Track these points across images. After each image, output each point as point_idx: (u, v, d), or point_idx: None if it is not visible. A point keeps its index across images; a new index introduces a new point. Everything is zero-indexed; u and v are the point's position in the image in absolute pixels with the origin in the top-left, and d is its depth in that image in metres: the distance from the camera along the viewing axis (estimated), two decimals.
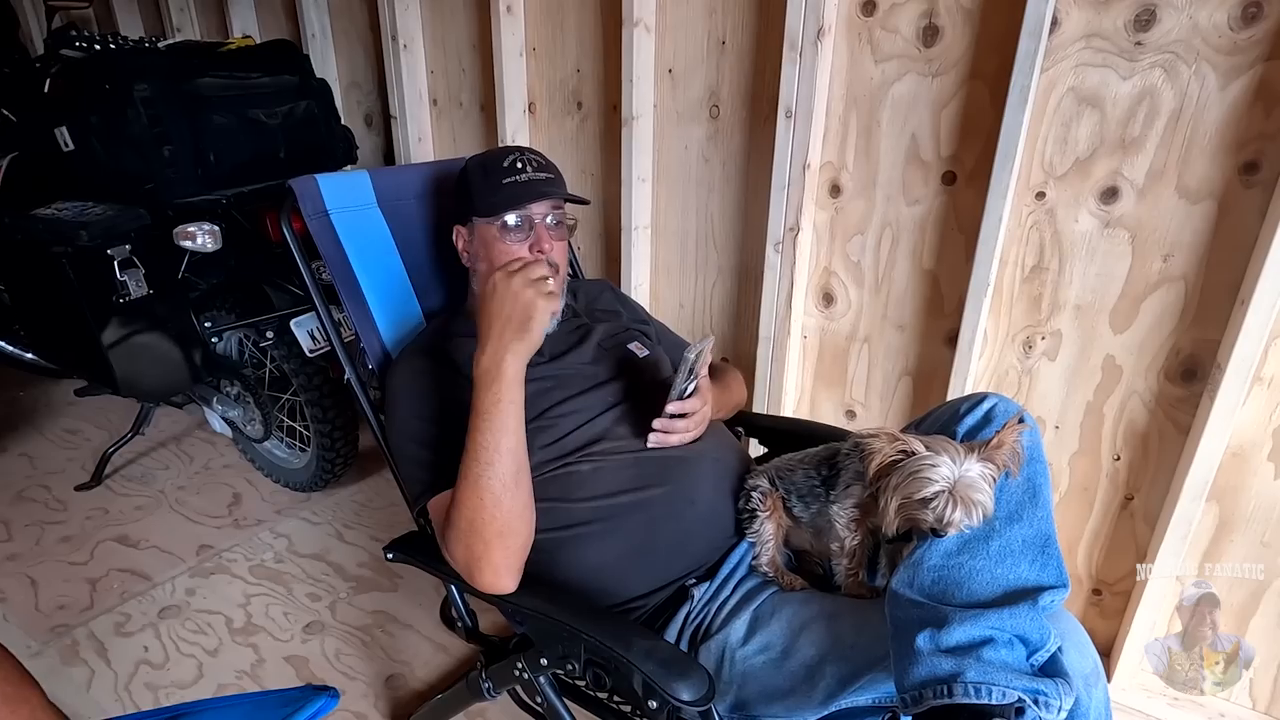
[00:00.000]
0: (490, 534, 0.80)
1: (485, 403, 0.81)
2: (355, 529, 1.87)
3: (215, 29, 2.38)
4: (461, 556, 0.83)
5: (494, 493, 0.80)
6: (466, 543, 0.82)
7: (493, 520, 0.80)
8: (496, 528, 0.80)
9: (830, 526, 0.91)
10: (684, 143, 1.59)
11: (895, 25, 1.28)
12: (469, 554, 0.82)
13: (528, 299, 0.82)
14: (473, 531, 0.81)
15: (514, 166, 1.02)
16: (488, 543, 0.80)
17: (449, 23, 1.85)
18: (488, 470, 0.80)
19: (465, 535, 0.81)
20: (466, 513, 0.81)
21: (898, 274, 1.42)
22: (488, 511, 0.80)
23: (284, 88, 1.60)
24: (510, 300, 0.83)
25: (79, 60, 1.48)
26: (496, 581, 0.83)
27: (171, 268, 1.50)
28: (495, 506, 0.80)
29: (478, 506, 0.80)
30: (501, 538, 0.81)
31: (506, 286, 0.84)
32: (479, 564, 0.81)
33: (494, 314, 0.83)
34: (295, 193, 1.05)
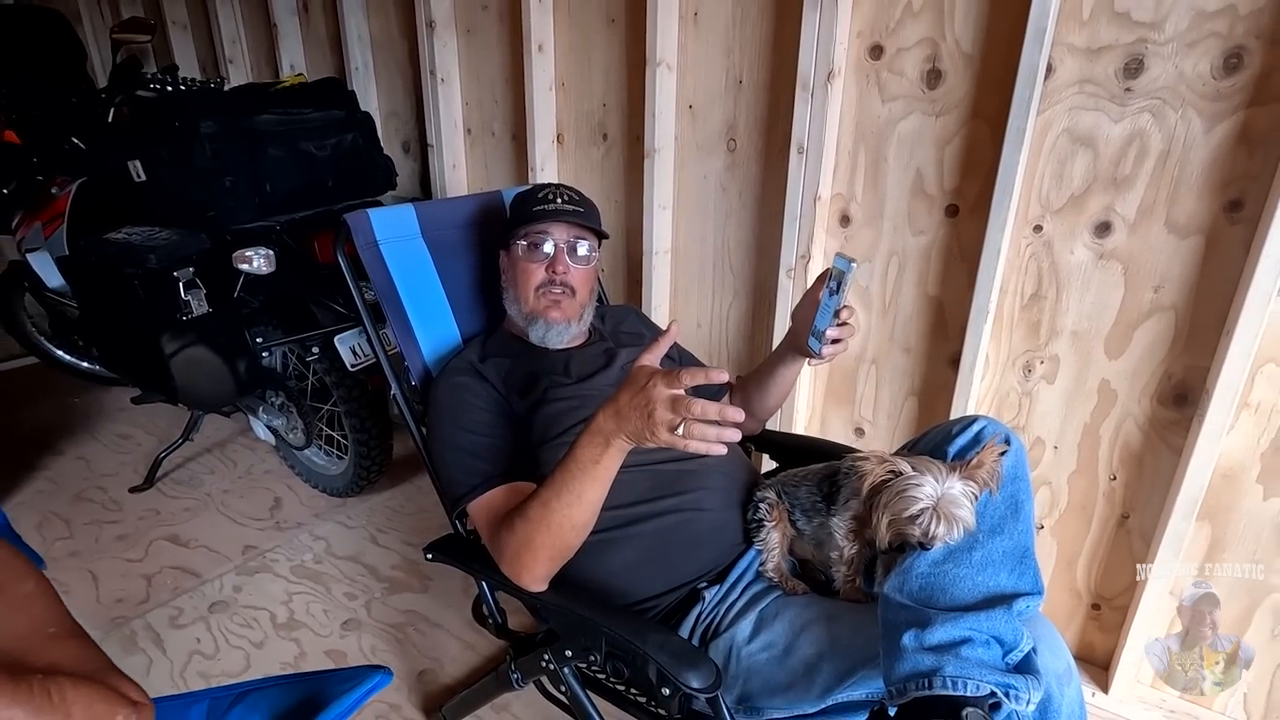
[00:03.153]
0: (544, 553, 0.89)
1: (587, 457, 0.83)
2: (388, 533, 1.98)
3: (265, 61, 2.53)
4: (509, 557, 0.91)
5: (563, 529, 0.87)
6: (519, 550, 0.90)
7: (552, 545, 0.88)
8: (550, 551, 0.89)
9: (830, 537, 1.00)
10: (703, 173, 1.68)
11: (901, 68, 1.37)
12: (518, 559, 0.90)
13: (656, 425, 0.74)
14: (529, 546, 0.89)
15: (547, 198, 1.13)
16: (538, 558, 0.89)
17: (483, 59, 1.97)
18: (567, 510, 0.85)
19: (521, 544, 0.90)
20: (530, 529, 0.88)
21: (904, 299, 1.50)
22: (552, 538, 0.88)
23: (332, 122, 1.73)
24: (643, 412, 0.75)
25: (152, 100, 1.62)
26: (532, 584, 0.92)
27: (228, 287, 1.63)
28: (559, 537, 0.88)
29: (545, 531, 0.87)
30: (551, 559, 0.90)
31: (659, 408, 0.74)
32: (525, 569, 0.90)
33: (631, 405, 0.77)
34: (350, 226, 1.17)
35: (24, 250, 2.21)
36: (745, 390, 1.29)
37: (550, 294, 1.11)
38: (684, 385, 0.72)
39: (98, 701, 0.58)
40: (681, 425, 0.72)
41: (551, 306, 1.11)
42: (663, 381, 0.74)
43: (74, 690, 0.57)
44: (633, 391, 0.77)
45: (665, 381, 0.73)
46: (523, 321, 1.15)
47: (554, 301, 1.11)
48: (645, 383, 0.75)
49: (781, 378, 1.22)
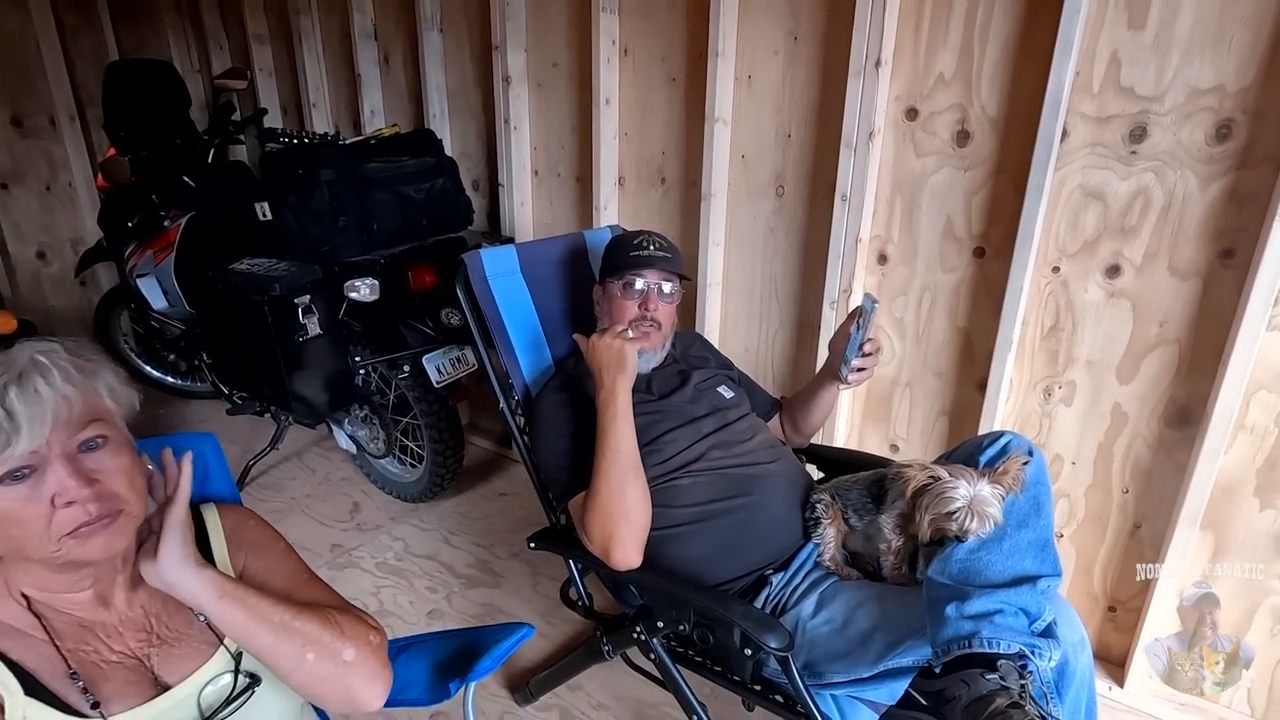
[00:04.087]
0: (618, 514, 1.09)
1: (607, 420, 1.15)
2: (460, 535, 2.17)
3: (345, 105, 2.79)
4: (599, 537, 1.11)
5: (618, 482, 1.10)
6: (602, 524, 1.10)
7: (619, 502, 1.09)
8: (622, 508, 1.09)
9: (879, 532, 1.18)
10: (753, 214, 1.89)
11: (934, 129, 1.57)
12: (604, 533, 1.10)
13: (618, 347, 1.19)
14: (606, 514, 1.10)
15: (641, 245, 1.33)
16: (616, 522, 1.09)
17: (553, 109, 2.20)
18: (613, 466, 1.11)
19: (601, 518, 1.10)
20: (601, 500, 1.10)
21: (935, 330, 1.69)
22: (615, 496, 1.09)
23: (425, 168, 1.97)
24: (606, 350, 1.20)
25: (281, 152, 1.86)
26: (625, 557, 1.11)
27: (335, 312, 1.86)
28: (620, 492, 1.10)
29: (608, 493, 1.10)
30: (626, 517, 1.10)
31: (602, 342, 1.21)
32: (612, 541, 1.10)
33: (601, 362, 1.20)
34: (467, 265, 1.38)
35: (134, 276, 2.46)
36: (792, 408, 1.49)
37: (641, 327, 1.31)
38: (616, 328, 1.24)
39: (356, 623, 0.78)
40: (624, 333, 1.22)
41: (643, 338, 1.31)
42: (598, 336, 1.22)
43: (341, 615, 0.77)
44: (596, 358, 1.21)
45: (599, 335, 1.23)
46: None
47: (644, 333, 1.31)
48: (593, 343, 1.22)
49: (822, 399, 1.42)
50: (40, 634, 0.68)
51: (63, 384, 0.65)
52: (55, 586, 0.70)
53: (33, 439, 0.62)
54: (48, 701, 0.66)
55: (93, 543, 0.66)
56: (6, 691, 0.64)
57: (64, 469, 0.64)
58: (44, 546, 0.64)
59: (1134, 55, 1.33)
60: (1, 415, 0.62)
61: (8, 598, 0.69)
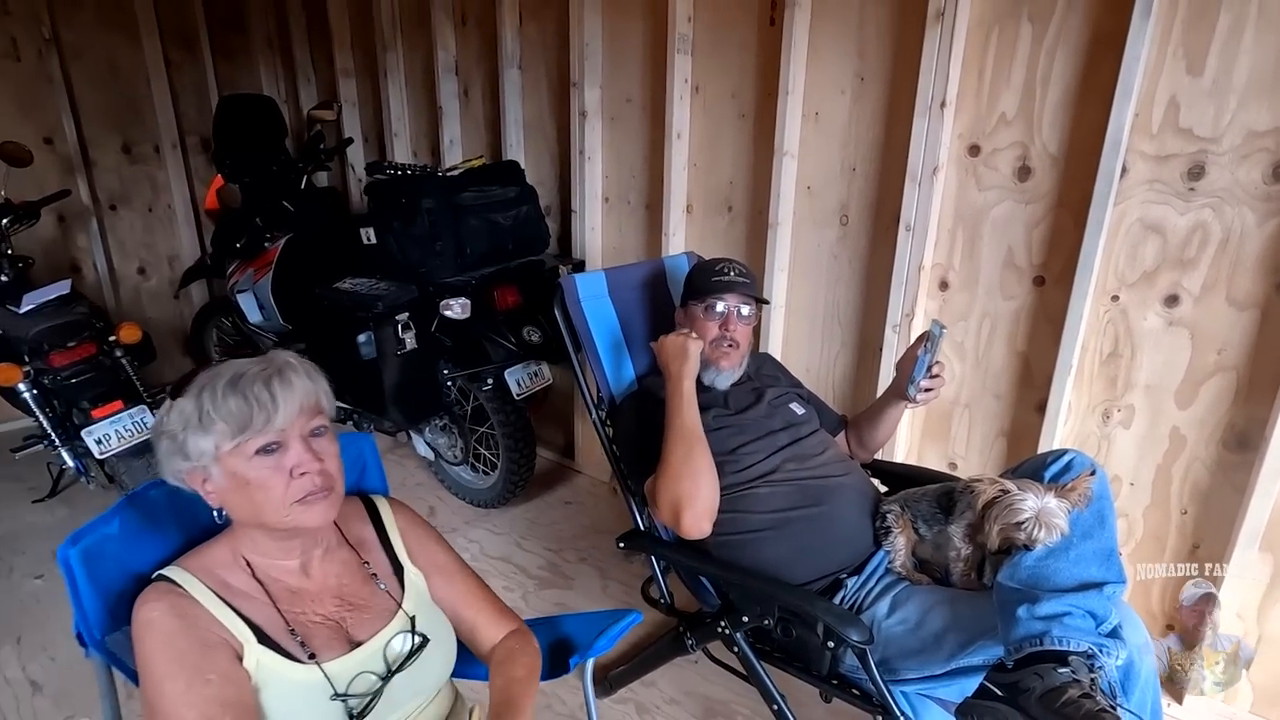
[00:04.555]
0: (686, 478, 1.22)
1: (673, 402, 1.31)
2: (530, 539, 2.30)
3: (425, 134, 2.99)
4: (668, 502, 1.23)
5: (684, 451, 1.24)
6: (672, 490, 1.23)
7: (686, 467, 1.23)
8: (690, 472, 1.23)
9: (948, 541, 1.27)
10: (817, 242, 2.00)
11: (996, 164, 1.67)
12: (674, 498, 1.22)
13: (681, 342, 1.35)
14: (676, 480, 1.23)
15: (722, 271, 1.46)
16: (684, 485, 1.22)
17: (624, 141, 2.35)
18: (679, 438, 1.26)
19: (670, 484, 1.23)
20: (670, 467, 1.24)
21: (995, 353, 1.77)
22: (682, 463, 1.23)
23: (511, 196, 2.13)
24: (672, 345, 1.36)
25: (385, 182, 2.05)
26: (695, 524, 1.22)
27: (428, 328, 2.02)
28: (686, 459, 1.23)
29: (676, 462, 1.24)
30: (694, 481, 1.23)
31: (669, 339, 1.37)
32: (682, 505, 1.22)
33: (668, 354, 1.36)
34: (563, 288, 1.52)
35: (235, 291, 2.68)
36: (858, 425, 1.59)
37: (721, 347, 1.43)
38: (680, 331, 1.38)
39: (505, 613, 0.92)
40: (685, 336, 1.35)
41: (723, 357, 1.43)
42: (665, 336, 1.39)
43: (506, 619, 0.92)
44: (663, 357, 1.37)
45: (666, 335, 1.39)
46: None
47: (724, 353, 1.43)
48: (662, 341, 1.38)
49: (888, 417, 1.52)
50: (263, 597, 0.83)
51: (306, 380, 0.81)
52: (272, 554, 0.85)
53: (285, 418, 0.79)
54: (274, 650, 0.80)
55: (314, 510, 0.81)
56: (245, 640, 0.79)
57: (300, 446, 0.80)
58: (278, 511, 0.79)
59: (1192, 99, 1.42)
60: (266, 397, 0.78)
61: (236, 566, 0.83)
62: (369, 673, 0.84)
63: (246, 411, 0.77)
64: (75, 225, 3.15)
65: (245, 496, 0.80)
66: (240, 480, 0.79)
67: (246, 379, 0.79)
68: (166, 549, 0.88)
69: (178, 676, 0.73)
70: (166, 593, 0.79)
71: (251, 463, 0.79)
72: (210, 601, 0.80)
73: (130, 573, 0.84)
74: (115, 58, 3.14)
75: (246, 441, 0.78)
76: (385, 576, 0.93)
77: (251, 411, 0.77)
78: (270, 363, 0.82)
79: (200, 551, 0.85)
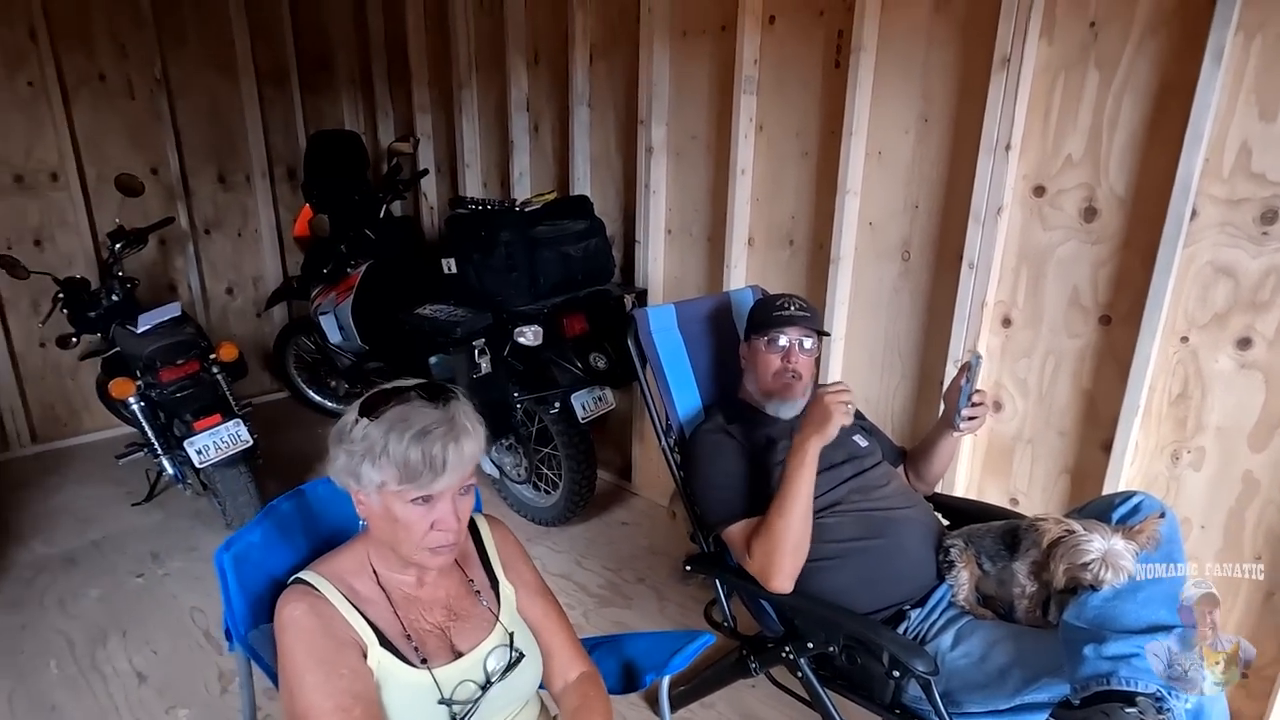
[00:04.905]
0: (788, 547, 1.25)
1: (794, 466, 1.28)
2: (589, 558, 2.38)
3: (495, 165, 3.15)
4: (763, 562, 1.27)
5: (793, 520, 1.25)
6: (770, 552, 1.26)
7: (789, 537, 1.25)
8: (792, 543, 1.25)
9: (1013, 578, 1.29)
10: (878, 277, 2.04)
11: (1061, 205, 1.69)
12: (769, 561, 1.26)
13: (828, 410, 1.27)
14: (777, 544, 1.25)
15: (783, 306, 1.52)
16: (784, 552, 1.25)
17: (688, 176, 2.45)
18: (793, 505, 1.26)
19: (770, 547, 1.26)
20: (774, 531, 1.26)
21: (1059, 390, 1.78)
22: (786, 531, 1.25)
23: (581, 229, 2.24)
24: (817, 406, 1.30)
25: (466, 216, 2.19)
26: (782, 584, 1.27)
27: (500, 353, 2.13)
28: (790, 529, 1.25)
29: (781, 527, 1.25)
30: (795, 551, 1.25)
31: (821, 401, 1.29)
32: (775, 569, 1.26)
33: (811, 415, 1.30)
34: (636, 321, 1.61)
35: (318, 313, 2.86)
36: (915, 457, 1.62)
37: (784, 379, 1.49)
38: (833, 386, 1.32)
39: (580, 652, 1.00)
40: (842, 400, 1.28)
41: (786, 388, 1.49)
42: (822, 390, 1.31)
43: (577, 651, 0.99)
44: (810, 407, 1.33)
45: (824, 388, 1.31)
46: (761, 398, 1.53)
47: (787, 385, 1.49)
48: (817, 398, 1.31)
49: (942, 448, 1.55)
50: (385, 603, 0.92)
51: (472, 447, 0.89)
52: (395, 568, 0.94)
53: (445, 483, 0.87)
54: (392, 653, 0.89)
55: (438, 559, 0.91)
56: (369, 641, 0.88)
57: (449, 506, 0.89)
58: (411, 549, 0.89)
59: (1265, 144, 1.42)
60: (440, 461, 0.85)
61: (363, 573, 0.93)
62: (470, 681, 0.93)
63: (420, 467, 0.85)
64: (174, 248, 3.41)
65: (389, 527, 0.89)
66: (390, 515, 0.88)
67: (431, 437, 0.85)
68: (296, 555, 0.99)
69: (316, 669, 0.82)
70: (305, 594, 0.89)
71: (405, 506, 0.87)
72: (341, 604, 0.89)
73: (268, 576, 0.95)
74: (215, 94, 3.41)
75: (407, 489, 0.86)
76: (485, 590, 1.02)
77: (423, 469, 0.85)
78: (453, 423, 0.88)
79: (332, 558, 0.95)
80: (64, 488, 2.85)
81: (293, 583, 0.92)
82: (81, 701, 1.76)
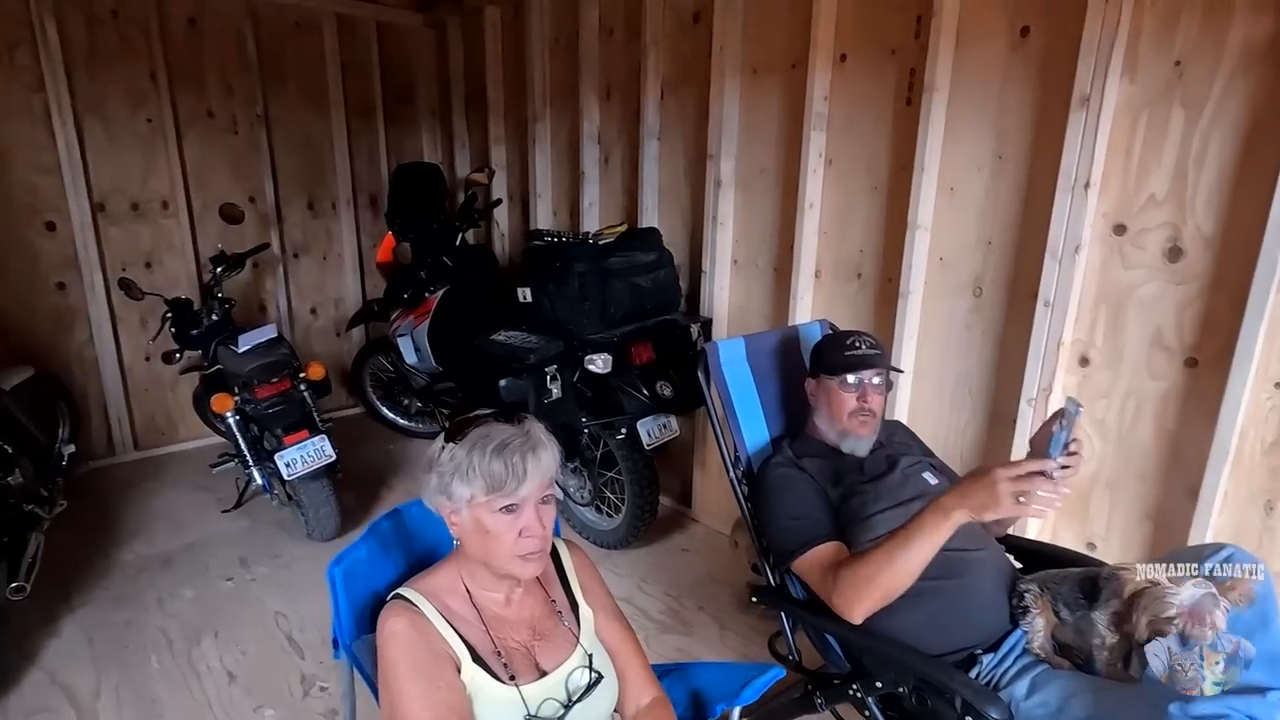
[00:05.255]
0: (879, 595, 1.24)
1: (928, 524, 1.18)
2: (650, 583, 2.41)
3: (566, 195, 3.26)
4: (845, 594, 1.26)
5: (899, 573, 1.21)
6: (857, 585, 1.25)
7: (886, 584, 1.23)
8: (884, 592, 1.24)
9: (1092, 628, 1.26)
10: (949, 312, 2.03)
11: (1143, 244, 1.66)
12: (857, 595, 1.25)
13: (998, 497, 1.10)
14: (870, 582, 1.24)
15: (853, 344, 1.54)
16: (872, 594, 1.24)
17: (756, 209, 2.49)
18: (905, 559, 1.19)
19: (861, 581, 1.24)
20: (872, 570, 1.23)
21: (1140, 434, 1.73)
22: (887, 578, 1.22)
23: (650, 260, 2.31)
24: (987, 488, 1.11)
25: (543, 248, 2.29)
26: (856, 616, 1.26)
27: (571, 379, 2.21)
28: (893, 579, 1.22)
29: (884, 572, 1.22)
30: (881, 597, 1.24)
31: (995, 482, 1.10)
32: (857, 602, 1.25)
33: (977, 485, 1.13)
34: (707, 353, 1.65)
35: (396, 335, 3.01)
36: None
37: (859, 417, 1.50)
38: (1023, 470, 1.11)
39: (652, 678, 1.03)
40: (1023, 495, 1.09)
41: (860, 425, 1.50)
42: (1003, 468, 1.12)
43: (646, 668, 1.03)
44: (977, 477, 1.15)
45: (1006, 468, 1.12)
46: (835, 435, 1.54)
47: (862, 422, 1.50)
48: (988, 470, 1.13)
49: None
50: (477, 621, 0.98)
51: (549, 458, 0.97)
52: (487, 585, 1.01)
53: (526, 490, 0.95)
54: (483, 669, 0.95)
55: (529, 566, 0.96)
56: (462, 657, 0.94)
57: (532, 513, 0.96)
58: (502, 559, 0.95)
59: None
60: (520, 469, 0.94)
61: (458, 592, 1.00)
62: (553, 699, 0.97)
63: (502, 476, 0.94)
64: (266, 271, 3.65)
65: (481, 539, 0.97)
66: (481, 526, 0.96)
67: (510, 449, 0.95)
68: (394, 571, 1.07)
69: (417, 681, 0.89)
70: (405, 610, 0.96)
71: (494, 516, 0.95)
72: (437, 620, 0.96)
73: (370, 590, 1.03)
74: (308, 128, 3.65)
75: (494, 499, 0.95)
76: (566, 612, 1.07)
77: (506, 477, 0.94)
78: (529, 436, 0.97)
79: (427, 576, 1.02)
80: (160, 492, 3.06)
81: (392, 598, 0.99)
82: (178, 697, 1.89)
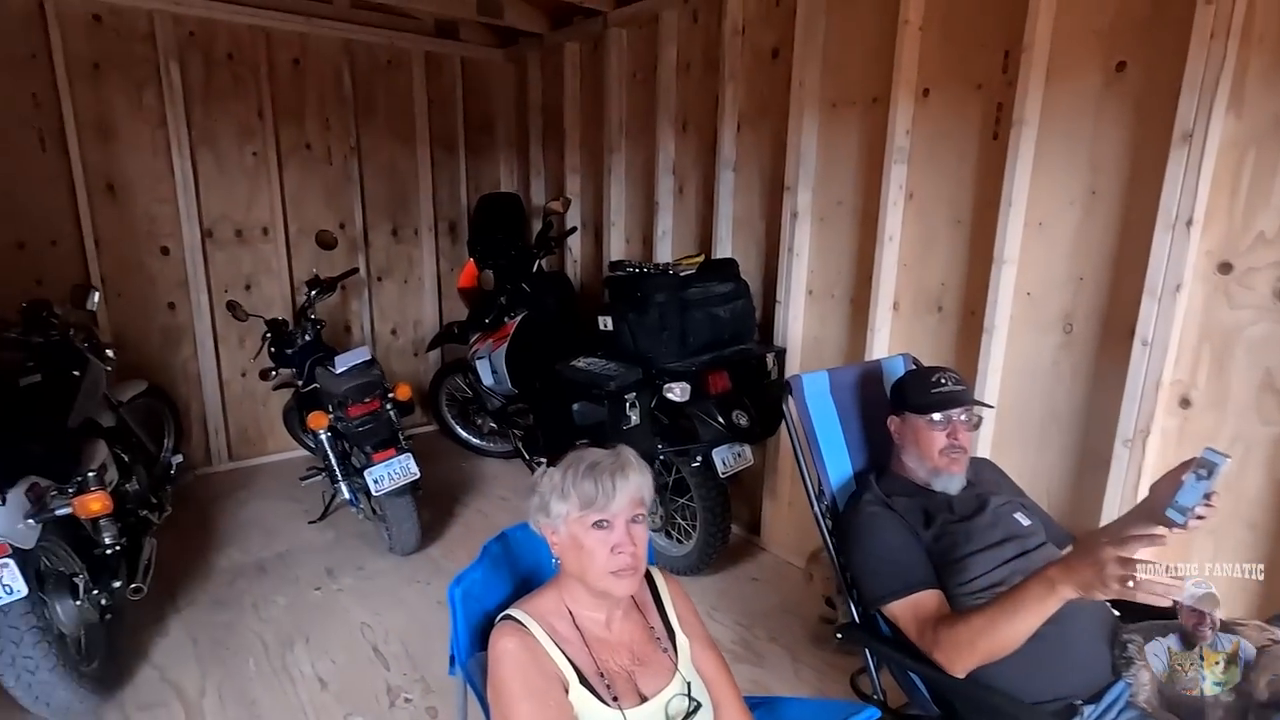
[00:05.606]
0: (980, 655, 1.22)
1: (1033, 596, 1.14)
2: (721, 612, 2.41)
3: (639, 223, 3.34)
4: (948, 649, 1.25)
5: (1002, 642, 1.19)
6: (961, 646, 1.23)
7: (988, 650, 1.21)
8: (986, 655, 1.22)
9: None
10: (1037, 347, 1.99)
11: (1251, 284, 1.61)
12: (957, 652, 1.23)
13: (1105, 577, 1.03)
14: (972, 646, 1.22)
15: (939, 381, 1.53)
16: (975, 656, 1.22)
17: (832, 240, 2.50)
18: (1008, 629, 1.17)
19: (964, 643, 1.23)
20: (974, 635, 1.21)
21: (1249, 480, 1.65)
22: (991, 645, 1.20)
23: (727, 291, 2.35)
24: (1096, 568, 1.04)
25: (624, 278, 2.36)
26: (959, 672, 1.25)
27: (649, 406, 2.26)
28: (996, 646, 1.20)
29: (987, 640, 1.20)
30: (984, 660, 1.22)
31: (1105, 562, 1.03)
32: (960, 661, 1.23)
33: (1084, 562, 1.07)
34: (791, 386, 1.67)
35: (474, 357, 3.13)
36: None
37: (950, 454, 1.49)
38: (1132, 550, 1.04)
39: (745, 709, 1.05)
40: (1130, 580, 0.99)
41: (952, 463, 1.49)
42: (1111, 546, 1.04)
43: None
44: (1084, 552, 1.09)
45: (1114, 545, 1.04)
46: (925, 473, 1.53)
47: (954, 459, 1.49)
48: (1096, 547, 1.06)
49: None
50: (581, 643, 1.03)
51: (638, 479, 1.03)
52: (588, 606, 1.05)
53: (616, 506, 1.01)
54: (589, 690, 0.99)
55: (623, 583, 1.00)
56: (569, 678, 0.99)
57: (623, 529, 1.02)
58: (597, 575, 1.01)
59: None
60: (609, 487, 1.01)
61: (562, 614, 1.05)
62: None
63: (593, 493, 1.01)
64: (352, 294, 3.85)
65: (577, 555, 1.02)
66: (577, 543, 1.02)
67: (600, 468, 1.02)
68: (503, 592, 1.12)
69: (529, 698, 0.93)
70: (516, 630, 1.01)
71: (588, 532, 1.02)
72: (545, 641, 1.01)
73: (481, 609, 1.09)
74: (395, 158, 3.85)
75: (587, 515, 1.01)
76: (664, 639, 1.10)
77: (597, 495, 1.01)
78: (618, 458, 1.05)
79: (534, 598, 1.07)
80: (251, 502, 3.24)
81: (502, 619, 1.04)
82: (275, 700, 1.99)
